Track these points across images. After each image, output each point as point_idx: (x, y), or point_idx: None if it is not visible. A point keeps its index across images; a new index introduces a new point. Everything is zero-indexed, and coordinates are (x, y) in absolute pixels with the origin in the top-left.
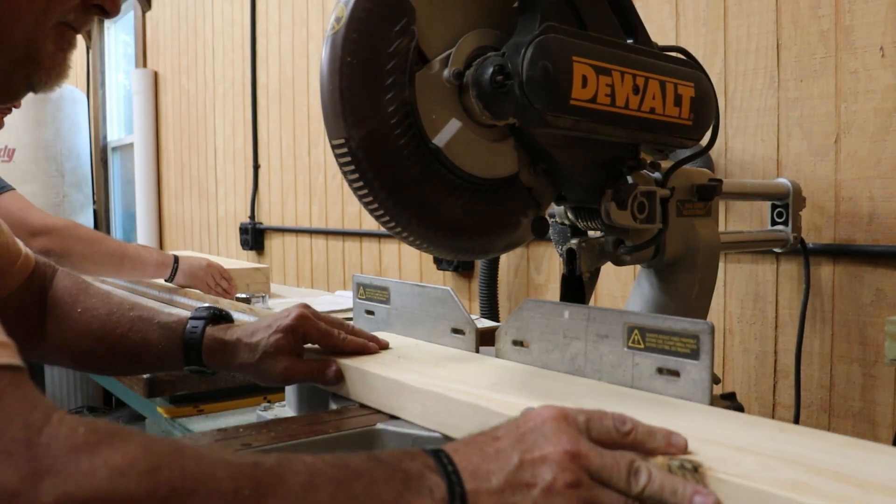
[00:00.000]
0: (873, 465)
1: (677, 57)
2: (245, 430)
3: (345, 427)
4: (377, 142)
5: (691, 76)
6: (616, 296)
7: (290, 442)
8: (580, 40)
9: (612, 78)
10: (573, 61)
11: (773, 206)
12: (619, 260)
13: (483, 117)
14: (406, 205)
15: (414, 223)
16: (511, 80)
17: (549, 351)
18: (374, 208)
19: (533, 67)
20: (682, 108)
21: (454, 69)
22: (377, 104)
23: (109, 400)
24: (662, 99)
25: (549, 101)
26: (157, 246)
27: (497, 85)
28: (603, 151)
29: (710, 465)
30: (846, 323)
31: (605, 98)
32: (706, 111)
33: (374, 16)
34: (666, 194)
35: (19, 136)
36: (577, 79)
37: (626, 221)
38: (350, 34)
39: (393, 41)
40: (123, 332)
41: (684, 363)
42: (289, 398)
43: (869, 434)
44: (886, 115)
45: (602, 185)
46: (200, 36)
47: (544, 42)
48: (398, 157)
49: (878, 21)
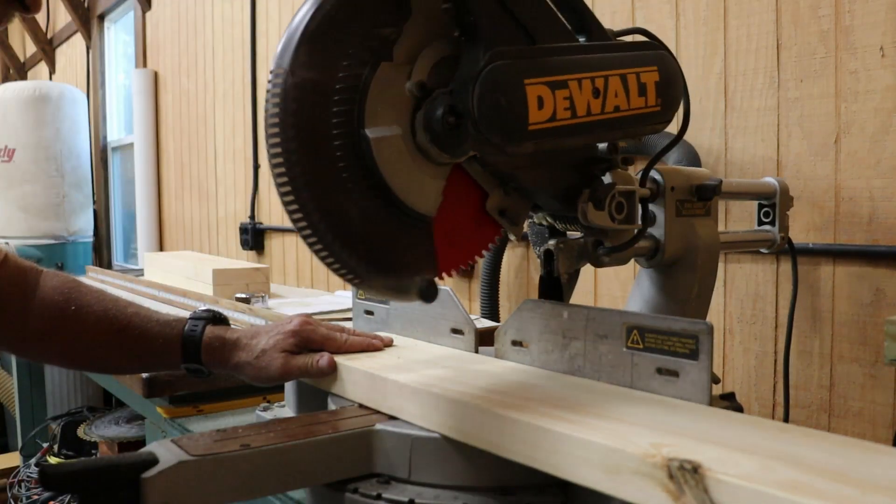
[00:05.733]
0: (873, 466)
1: (637, 42)
2: (244, 431)
3: (344, 427)
4: (312, 91)
5: (653, 59)
6: (616, 296)
7: (290, 442)
8: (530, 59)
9: (569, 90)
10: (525, 86)
11: (760, 205)
12: (598, 261)
13: (442, 157)
14: (313, 183)
15: (316, 214)
16: (463, 118)
17: (549, 351)
18: (277, 162)
19: (484, 103)
20: (647, 96)
21: (418, 80)
22: (336, 52)
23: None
24: (626, 93)
25: (507, 133)
26: (158, 246)
27: (449, 126)
28: (573, 159)
29: (710, 465)
30: (846, 323)
31: (566, 112)
32: (673, 92)
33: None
34: (646, 194)
35: (19, 136)
36: (533, 102)
37: (603, 222)
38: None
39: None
40: (120, 328)
41: (683, 363)
42: (288, 398)
43: (869, 434)
44: (886, 115)
45: (577, 191)
46: (200, 36)
47: (492, 74)
48: (324, 124)
49: (878, 21)
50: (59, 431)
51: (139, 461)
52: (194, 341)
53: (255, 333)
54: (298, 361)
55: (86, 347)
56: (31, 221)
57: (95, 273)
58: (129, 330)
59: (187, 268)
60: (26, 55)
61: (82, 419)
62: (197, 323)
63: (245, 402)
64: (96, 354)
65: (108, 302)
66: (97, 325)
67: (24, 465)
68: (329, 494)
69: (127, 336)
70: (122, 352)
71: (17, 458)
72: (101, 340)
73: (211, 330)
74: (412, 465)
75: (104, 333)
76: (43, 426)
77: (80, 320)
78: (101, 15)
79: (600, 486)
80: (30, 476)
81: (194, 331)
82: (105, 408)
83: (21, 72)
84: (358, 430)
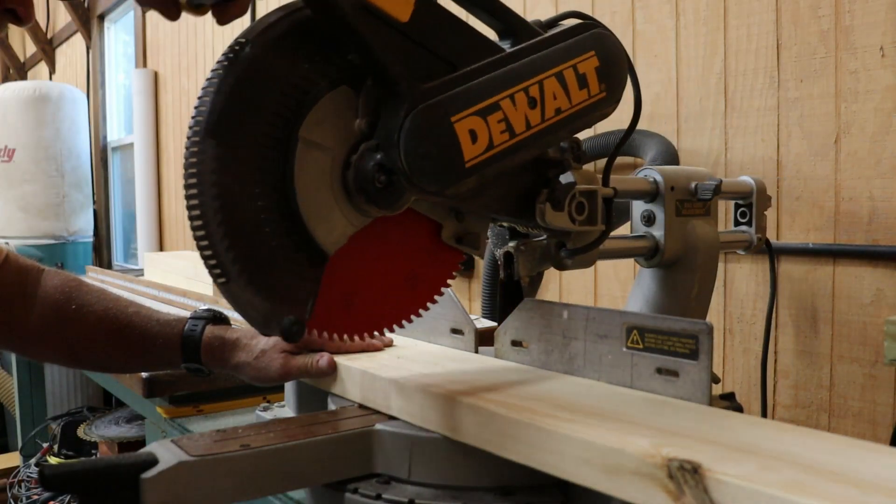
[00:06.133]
0: (873, 466)
1: (569, 28)
2: (244, 431)
3: (344, 427)
4: (258, 67)
5: (590, 43)
6: (616, 296)
7: (290, 442)
8: (452, 91)
9: (501, 111)
10: (453, 124)
11: (737, 205)
12: (560, 264)
13: (376, 212)
14: (226, 155)
15: (213, 188)
16: (395, 174)
17: (549, 351)
18: (192, 143)
19: (413, 156)
20: (590, 86)
21: (367, 120)
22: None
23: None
24: (565, 92)
25: (443, 179)
26: (158, 246)
27: (383, 185)
28: (523, 171)
29: (710, 465)
30: (846, 323)
31: (503, 136)
32: (617, 72)
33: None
34: (609, 193)
35: (19, 136)
36: (465, 139)
37: (563, 223)
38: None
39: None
40: (121, 326)
41: (683, 363)
42: (288, 398)
43: (869, 434)
44: (886, 115)
45: (532, 198)
46: (200, 36)
47: (415, 122)
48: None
49: (878, 21)
50: (59, 431)
51: (139, 461)
52: (194, 341)
53: (255, 333)
54: (298, 362)
55: (86, 346)
56: (31, 221)
57: (95, 273)
58: (129, 329)
59: (187, 268)
60: (26, 55)
61: (82, 419)
62: (197, 323)
63: (245, 402)
64: (97, 353)
65: (109, 301)
66: (98, 325)
67: (24, 465)
68: (329, 494)
69: (127, 335)
70: (123, 351)
71: (17, 458)
72: (102, 339)
73: (211, 330)
74: (412, 465)
75: (105, 332)
76: (43, 426)
77: (80, 319)
78: (101, 15)
79: (600, 487)
80: (30, 476)
81: (194, 331)
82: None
83: (21, 72)
84: (358, 431)
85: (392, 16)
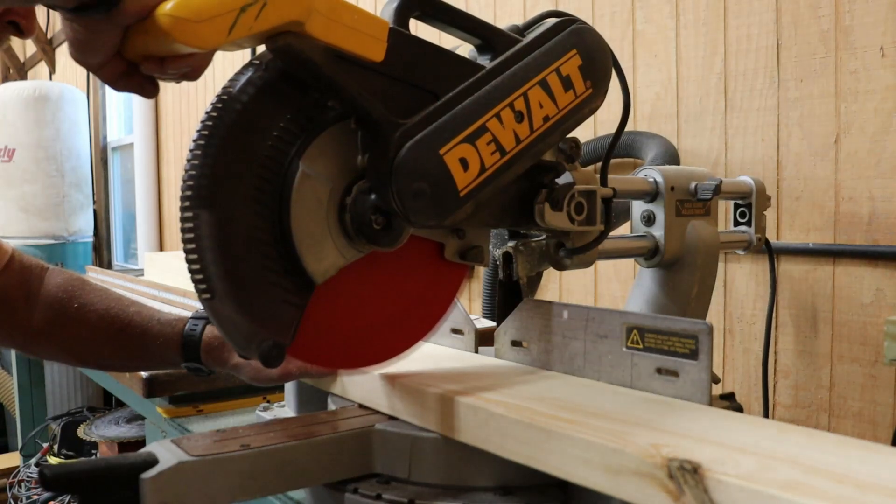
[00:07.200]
0: (872, 465)
1: (548, 29)
2: (244, 431)
3: (344, 427)
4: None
5: (570, 41)
6: (616, 296)
7: (290, 442)
8: (437, 123)
9: (489, 132)
10: (443, 157)
11: (736, 205)
12: (559, 264)
13: (371, 249)
14: (224, 165)
15: (207, 196)
16: (391, 216)
17: (548, 351)
18: (195, 153)
19: (407, 196)
20: (575, 87)
21: (367, 155)
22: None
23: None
24: (551, 98)
25: (439, 212)
26: (158, 246)
27: (381, 226)
28: (518, 181)
29: (710, 465)
30: (846, 323)
31: (494, 156)
32: (601, 66)
33: None
34: (608, 193)
35: (19, 136)
36: (457, 169)
37: (562, 224)
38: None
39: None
40: (122, 326)
41: (683, 363)
42: (288, 398)
43: (869, 434)
44: (886, 115)
45: (530, 202)
46: None
47: (405, 162)
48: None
49: (878, 21)
50: (59, 431)
51: (139, 461)
52: (194, 341)
53: None
54: (298, 362)
55: (87, 345)
56: (31, 221)
57: (95, 273)
58: (130, 328)
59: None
60: (26, 55)
61: (82, 419)
62: (197, 322)
63: (245, 402)
64: (98, 352)
65: (110, 300)
66: (99, 323)
67: (24, 465)
68: (329, 494)
69: (128, 334)
70: (124, 350)
71: (17, 458)
72: (103, 338)
73: (211, 329)
74: (412, 464)
75: (106, 331)
76: (43, 426)
77: (82, 318)
78: None
79: (600, 486)
80: (30, 476)
81: (194, 330)
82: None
83: (21, 72)
84: (358, 430)
85: (366, 58)
